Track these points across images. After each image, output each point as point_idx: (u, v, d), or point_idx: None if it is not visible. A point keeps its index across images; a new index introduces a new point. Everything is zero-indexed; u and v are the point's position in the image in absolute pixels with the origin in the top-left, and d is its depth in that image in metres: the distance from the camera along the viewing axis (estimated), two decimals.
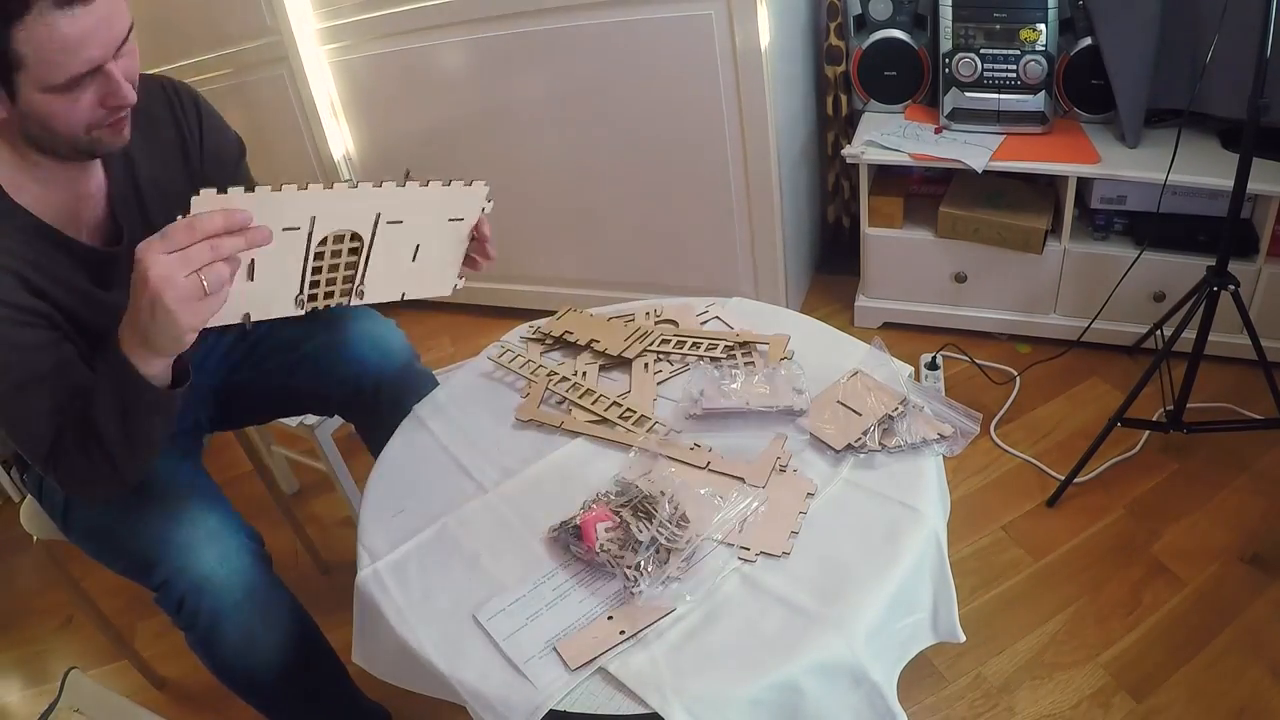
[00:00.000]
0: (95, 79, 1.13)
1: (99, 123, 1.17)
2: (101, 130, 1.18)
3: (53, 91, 1.10)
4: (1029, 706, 1.68)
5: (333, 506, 2.38)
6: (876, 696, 1.08)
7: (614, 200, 2.64)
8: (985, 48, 2.30)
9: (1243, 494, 2.03)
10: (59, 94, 1.11)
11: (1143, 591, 1.85)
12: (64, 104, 1.12)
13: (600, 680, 1.04)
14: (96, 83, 1.13)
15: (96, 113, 1.16)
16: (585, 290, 2.81)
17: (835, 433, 1.29)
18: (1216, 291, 1.89)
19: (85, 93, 1.13)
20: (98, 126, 1.17)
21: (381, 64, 2.62)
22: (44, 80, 1.09)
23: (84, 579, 1.84)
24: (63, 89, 1.10)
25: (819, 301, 2.88)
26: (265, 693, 1.44)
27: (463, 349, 2.86)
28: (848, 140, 2.53)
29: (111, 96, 1.15)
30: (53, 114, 1.13)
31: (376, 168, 2.88)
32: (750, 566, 1.14)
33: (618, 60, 2.36)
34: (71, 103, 1.12)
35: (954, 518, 1.30)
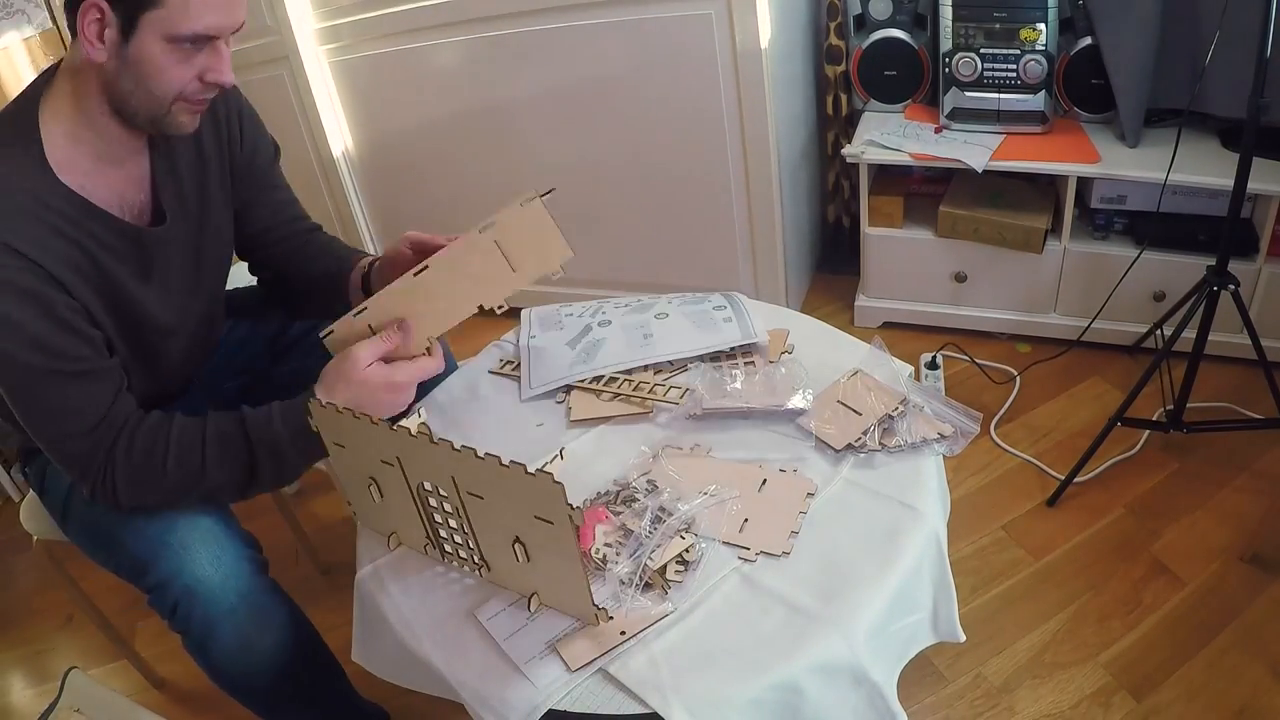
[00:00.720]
0: (208, 49, 1.17)
1: (189, 96, 1.20)
2: (184, 105, 1.21)
3: (172, 42, 1.13)
4: (1029, 706, 1.68)
5: (333, 506, 2.38)
6: (877, 696, 1.08)
7: (614, 199, 2.64)
8: (985, 47, 2.30)
9: (1243, 494, 2.03)
10: (175, 47, 1.14)
11: (1143, 591, 1.85)
12: (174, 60, 1.15)
13: (600, 680, 1.04)
14: (206, 53, 1.18)
15: (192, 84, 1.19)
16: (585, 289, 2.80)
17: (835, 432, 1.29)
18: (1216, 291, 1.89)
19: (196, 58, 1.17)
20: (185, 100, 1.20)
21: (381, 64, 2.62)
22: (171, 28, 1.12)
23: (84, 579, 1.83)
24: (182, 42, 1.14)
25: (819, 301, 2.88)
26: (261, 697, 1.44)
27: (462, 348, 2.86)
28: (848, 140, 2.53)
29: (214, 72, 1.19)
30: (158, 68, 1.15)
31: (376, 167, 2.88)
32: (750, 566, 1.14)
33: (617, 60, 2.36)
34: (180, 61, 1.16)
35: (954, 517, 1.30)
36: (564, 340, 1.55)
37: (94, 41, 1.12)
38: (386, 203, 2.98)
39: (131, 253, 1.29)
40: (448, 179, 2.79)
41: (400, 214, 2.97)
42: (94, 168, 1.23)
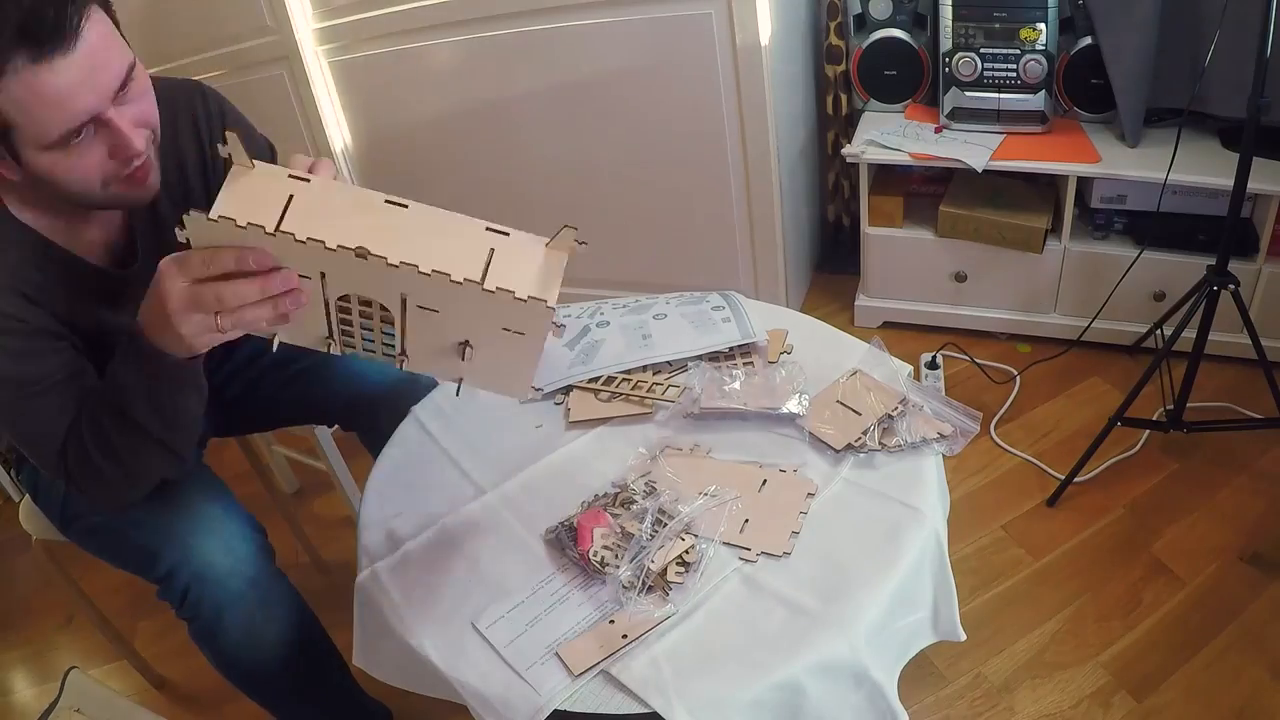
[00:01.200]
0: (98, 130, 1.06)
1: (113, 176, 1.11)
2: (119, 184, 1.12)
3: (52, 149, 1.04)
4: (1029, 706, 1.68)
5: (333, 506, 2.38)
6: (878, 696, 1.08)
7: (613, 199, 2.64)
8: (985, 47, 2.30)
9: (1243, 493, 2.03)
10: (59, 151, 1.05)
11: (1143, 591, 1.85)
12: (68, 161, 1.06)
13: (602, 681, 1.04)
14: (100, 134, 1.07)
15: (107, 165, 1.10)
16: (584, 289, 2.80)
17: (835, 433, 1.29)
18: (1216, 291, 1.89)
19: (90, 146, 1.07)
20: (113, 180, 1.11)
21: (381, 63, 2.62)
22: (39, 139, 1.03)
23: (83, 579, 1.83)
24: (60, 145, 1.04)
25: (819, 301, 2.88)
26: (267, 686, 1.44)
27: None
28: (848, 139, 2.53)
29: (118, 148, 1.08)
30: (59, 172, 1.07)
31: (377, 167, 2.88)
32: (751, 567, 1.14)
33: (617, 60, 2.36)
34: (76, 159, 1.06)
35: (954, 517, 1.30)
36: (562, 341, 1.55)
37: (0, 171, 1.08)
38: None
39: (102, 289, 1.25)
40: (448, 178, 2.79)
41: None
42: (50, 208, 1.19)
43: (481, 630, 1.11)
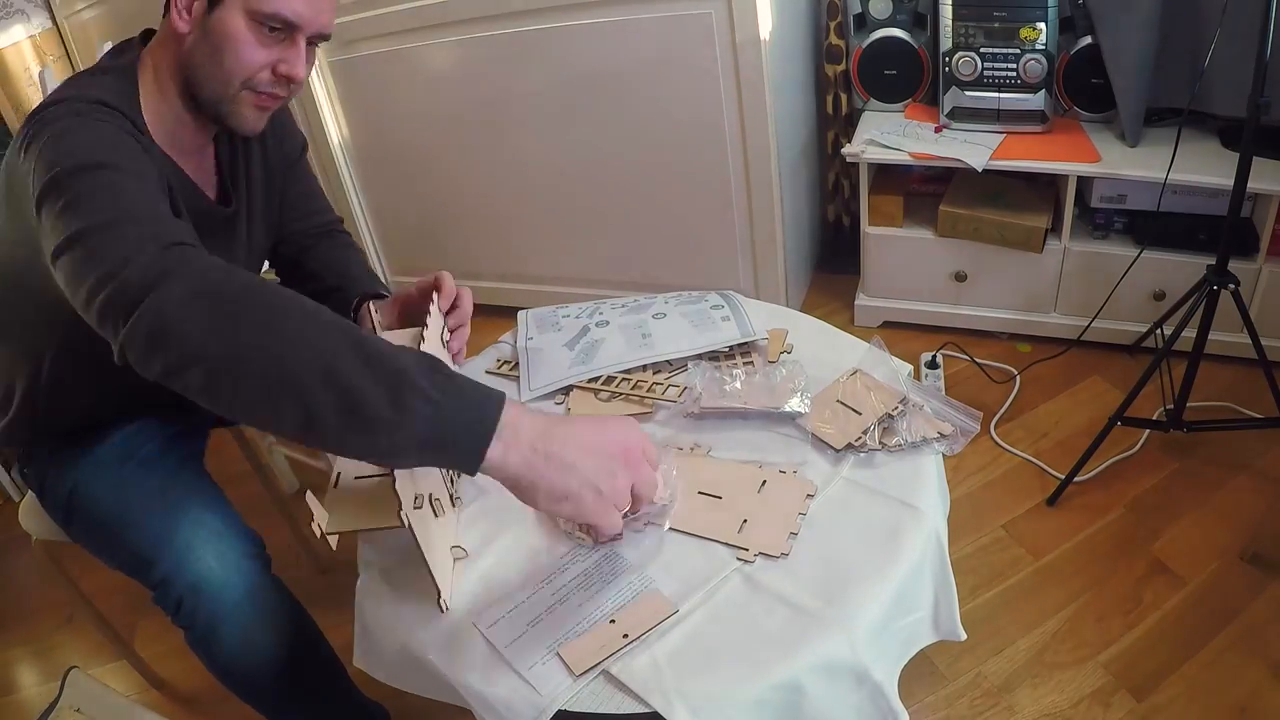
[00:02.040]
0: (287, 39, 1.20)
1: (258, 85, 1.22)
2: (250, 96, 1.23)
3: (253, 20, 1.16)
4: (1029, 705, 1.68)
5: None
6: (878, 695, 1.08)
7: (613, 199, 2.64)
8: (985, 46, 2.30)
9: (1243, 493, 2.03)
10: (255, 27, 1.17)
11: (1143, 590, 1.85)
12: (251, 39, 1.18)
13: (603, 681, 1.04)
14: (283, 45, 1.21)
15: (263, 73, 1.21)
16: (585, 289, 2.81)
17: (835, 432, 1.29)
18: (1216, 290, 1.90)
19: (273, 46, 1.20)
20: (252, 90, 1.22)
21: (379, 63, 2.62)
22: (256, 3, 1.16)
23: (83, 578, 1.83)
24: (262, 20, 1.17)
25: (819, 300, 2.88)
26: (264, 694, 1.44)
27: None
28: (848, 139, 2.53)
29: (286, 64, 1.21)
30: (234, 44, 1.17)
31: (376, 167, 2.88)
32: (751, 567, 1.14)
33: (617, 59, 2.36)
34: (256, 43, 1.18)
35: (954, 516, 1.30)
36: (562, 342, 1.55)
37: (182, 11, 1.18)
38: (386, 202, 2.98)
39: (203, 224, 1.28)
40: (448, 178, 2.79)
41: (400, 213, 2.98)
42: (175, 141, 1.28)
43: (482, 630, 1.11)
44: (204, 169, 1.36)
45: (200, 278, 0.91)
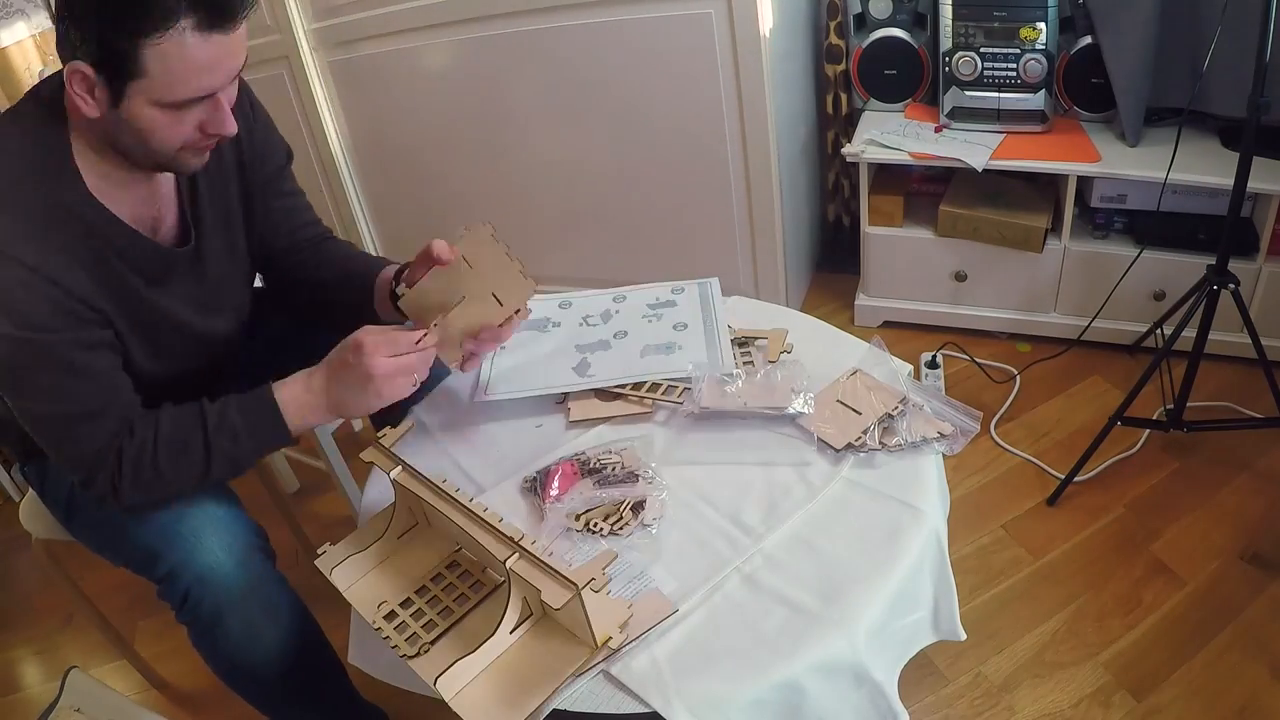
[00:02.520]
0: (204, 104, 1.15)
1: (193, 145, 1.19)
2: (189, 151, 1.20)
3: (162, 108, 1.11)
4: (1029, 705, 1.68)
5: (333, 505, 2.38)
6: (878, 695, 1.08)
7: (613, 199, 2.64)
8: (985, 46, 2.30)
9: (1243, 493, 2.03)
10: (166, 111, 1.12)
11: (1143, 590, 1.85)
12: (167, 121, 1.13)
13: (602, 680, 1.04)
14: (204, 108, 1.15)
15: (193, 135, 1.17)
16: (584, 289, 2.79)
17: (835, 432, 1.29)
18: (1217, 290, 1.89)
19: (191, 115, 1.15)
20: (190, 149, 1.19)
21: (380, 63, 2.62)
22: (159, 96, 1.10)
23: (83, 578, 1.84)
24: (172, 107, 1.12)
25: (819, 300, 2.87)
26: (266, 690, 1.43)
27: None
28: (848, 139, 2.53)
29: (213, 124, 1.17)
30: (153, 129, 1.13)
31: (377, 166, 2.88)
32: (751, 566, 1.14)
33: (617, 59, 2.36)
34: (175, 122, 1.14)
35: (954, 516, 1.30)
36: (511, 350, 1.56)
37: (85, 98, 1.11)
38: (387, 201, 2.98)
39: (153, 268, 1.29)
40: (449, 177, 2.79)
41: (401, 212, 2.97)
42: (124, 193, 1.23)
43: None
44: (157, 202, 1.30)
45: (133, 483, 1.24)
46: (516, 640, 1.08)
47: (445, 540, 1.23)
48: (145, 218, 1.28)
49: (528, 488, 1.30)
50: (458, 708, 1.02)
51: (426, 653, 1.09)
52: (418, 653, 1.09)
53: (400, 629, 1.14)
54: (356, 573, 1.21)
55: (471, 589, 1.17)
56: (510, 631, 1.07)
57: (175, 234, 1.34)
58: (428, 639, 1.11)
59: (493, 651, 1.06)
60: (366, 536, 1.25)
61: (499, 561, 1.03)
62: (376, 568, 1.22)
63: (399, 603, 1.17)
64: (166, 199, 1.32)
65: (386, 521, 1.24)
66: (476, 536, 1.07)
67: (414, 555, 1.23)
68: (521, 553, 1.04)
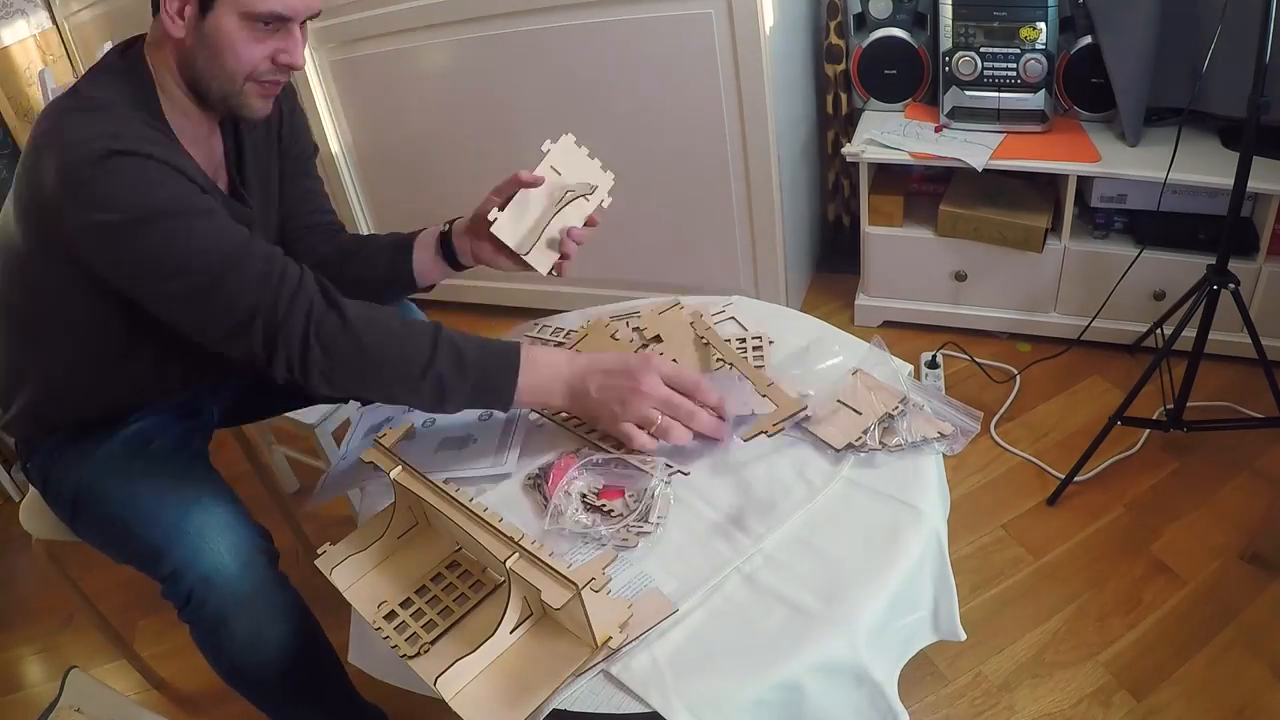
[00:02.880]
0: (281, 32, 1.22)
1: (260, 76, 1.24)
2: (254, 86, 1.25)
3: (246, 20, 1.18)
4: (1029, 705, 1.68)
5: (332, 505, 2.38)
6: (878, 695, 1.08)
7: (614, 199, 2.63)
8: (985, 46, 2.30)
9: (1243, 492, 2.03)
10: (250, 25, 1.19)
11: (1143, 590, 1.85)
12: (247, 37, 1.20)
13: (602, 680, 1.04)
14: (279, 36, 1.23)
15: (264, 65, 1.23)
16: (585, 289, 2.80)
17: (836, 432, 1.29)
18: (1217, 290, 1.89)
19: (269, 39, 1.22)
20: (256, 80, 1.25)
21: (379, 63, 2.62)
22: (247, 5, 1.17)
23: (83, 579, 1.84)
24: (256, 20, 1.19)
25: (819, 300, 2.88)
26: (267, 690, 1.44)
27: None
28: (848, 139, 2.53)
29: (285, 54, 1.24)
30: (232, 44, 1.20)
31: (376, 165, 2.88)
32: (751, 566, 1.14)
33: (617, 59, 2.36)
34: (253, 40, 1.21)
35: (954, 516, 1.30)
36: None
37: (174, 17, 1.19)
38: (386, 201, 2.98)
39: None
40: (448, 177, 2.79)
41: (400, 212, 2.97)
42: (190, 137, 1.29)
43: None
44: (213, 162, 1.37)
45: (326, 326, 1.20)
46: (517, 640, 1.08)
47: (445, 540, 1.23)
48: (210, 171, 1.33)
49: (530, 484, 1.30)
50: (458, 707, 1.02)
51: (427, 652, 1.09)
52: (418, 652, 1.09)
53: (400, 629, 1.13)
54: (356, 573, 1.21)
55: (471, 589, 1.17)
56: (510, 631, 1.07)
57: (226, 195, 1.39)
58: (428, 639, 1.11)
59: (493, 651, 1.06)
60: (366, 536, 1.24)
61: (499, 561, 1.03)
62: (376, 568, 1.22)
63: (399, 602, 1.16)
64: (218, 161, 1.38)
65: (386, 521, 1.24)
66: (476, 536, 1.07)
67: (414, 555, 1.23)
68: (521, 552, 1.04)
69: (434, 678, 1.02)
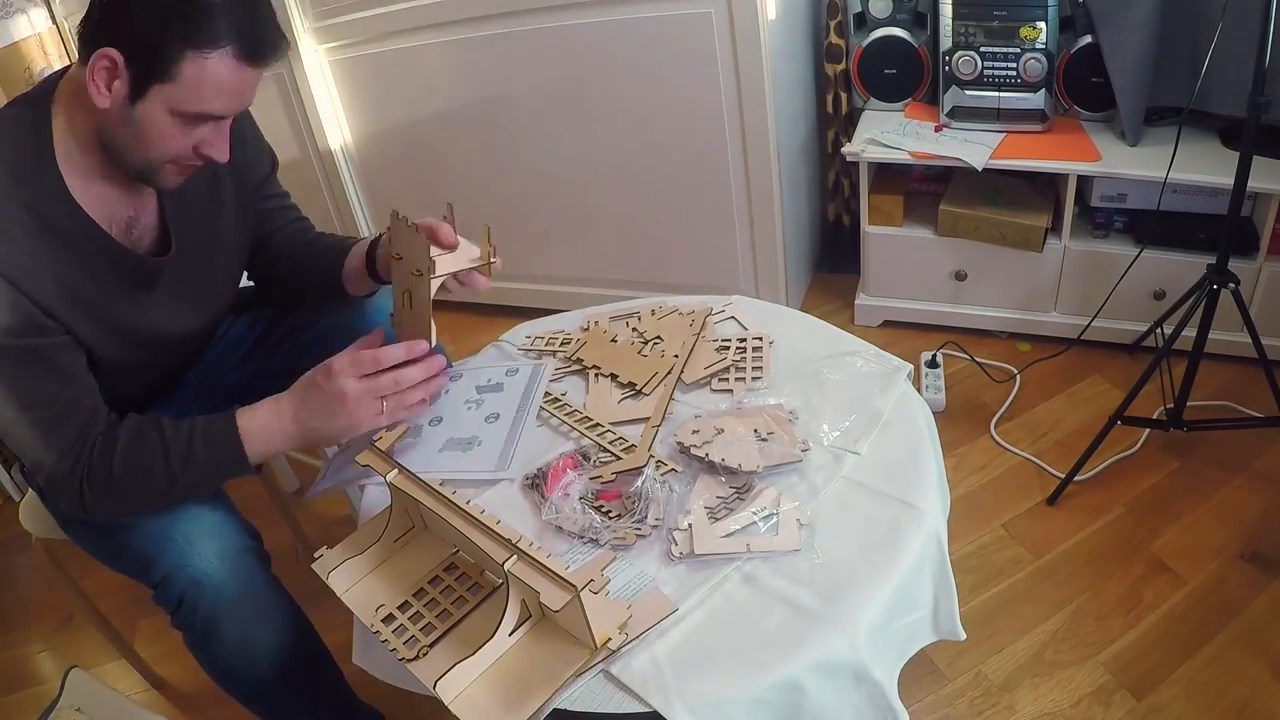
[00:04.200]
0: (210, 126, 1.19)
1: (180, 161, 1.21)
2: (174, 166, 1.22)
3: (175, 116, 1.15)
4: (1029, 704, 1.68)
5: (333, 506, 2.38)
6: (878, 694, 1.08)
7: (613, 199, 2.64)
8: (985, 46, 2.30)
9: (1243, 492, 2.03)
10: (178, 121, 1.16)
11: (1143, 589, 1.85)
12: (174, 131, 1.16)
13: (602, 680, 1.04)
14: (207, 128, 1.19)
15: (187, 154, 1.20)
16: (585, 289, 2.81)
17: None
18: (1217, 289, 1.89)
19: (197, 132, 1.19)
20: (177, 164, 1.22)
21: (378, 63, 2.62)
22: (178, 104, 1.14)
23: (83, 579, 1.84)
24: (185, 119, 1.16)
25: (819, 300, 2.87)
26: (262, 694, 1.43)
27: (463, 347, 2.86)
28: (848, 138, 2.53)
29: (209, 147, 1.21)
30: (159, 134, 1.16)
31: (376, 165, 2.88)
32: (751, 565, 1.14)
33: (617, 59, 2.36)
34: (180, 134, 1.17)
35: (954, 516, 1.30)
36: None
37: (101, 89, 1.13)
38: (386, 201, 2.98)
39: (131, 277, 1.29)
40: (448, 177, 2.79)
41: (402, 213, 2.97)
42: (100, 184, 1.23)
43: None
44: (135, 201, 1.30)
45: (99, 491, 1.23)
46: (515, 642, 1.08)
47: (443, 543, 1.23)
48: (120, 217, 1.27)
49: (529, 485, 1.30)
50: (457, 710, 1.02)
51: (425, 656, 1.09)
52: (416, 656, 1.09)
53: (399, 632, 1.13)
54: (354, 576, 1.21)
55: (470, 591, 1.17)
56: (509, 634, 1.07)
57: (154, 235, 1.35)
58: (426, 642, 1.11)
59: (492, 654, 1.06)
60: (363, 540, 1.24)
61: (497, 564, 1.03)
62: (374, 571, 1.22)
63: (397, 606, 1.16)
64: (146, 199, 1.32)
65: (383, 525, 1.24)
66: (474, 539, 1.07)
67: (411, 558, 1.23)
68: (519, 555, 1.04)
69: (433, 681, 1.02)
